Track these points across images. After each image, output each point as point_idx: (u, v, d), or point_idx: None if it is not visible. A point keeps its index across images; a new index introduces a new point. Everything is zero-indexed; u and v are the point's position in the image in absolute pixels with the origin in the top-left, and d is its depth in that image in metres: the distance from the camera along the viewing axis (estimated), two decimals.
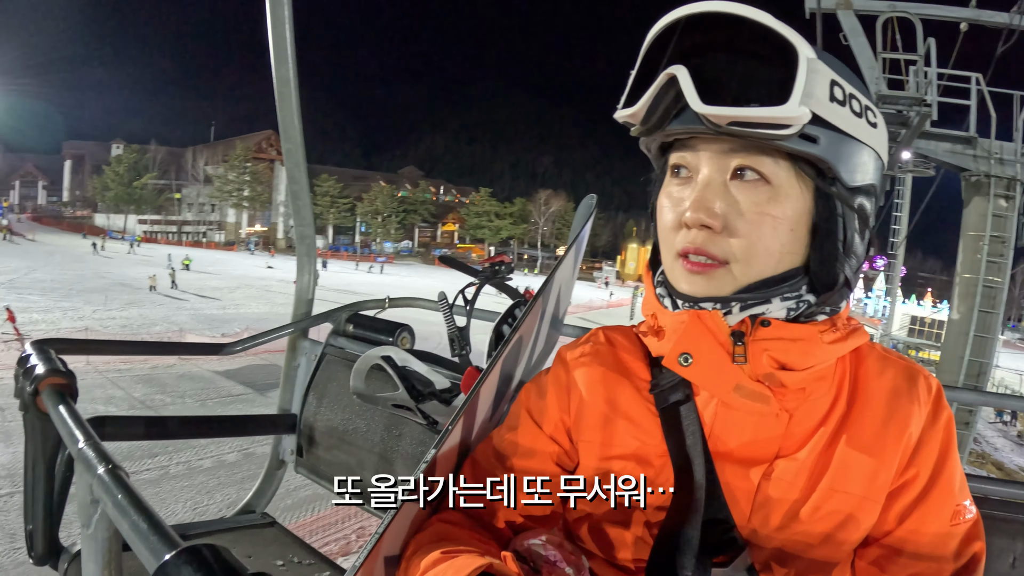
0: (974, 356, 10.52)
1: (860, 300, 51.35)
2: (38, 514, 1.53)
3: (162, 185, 70.44)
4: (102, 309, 26.22)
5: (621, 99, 0.91)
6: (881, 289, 41.50)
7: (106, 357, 16.95)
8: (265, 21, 2.04)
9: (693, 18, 0.81)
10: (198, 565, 0.72)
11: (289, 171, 2.36)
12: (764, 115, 0.78)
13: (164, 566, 0.73)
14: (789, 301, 0.89)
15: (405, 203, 77.89)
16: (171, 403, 14.30)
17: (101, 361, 16.99)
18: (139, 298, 29.71)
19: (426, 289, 2.46)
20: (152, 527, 0.84)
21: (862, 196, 0.89)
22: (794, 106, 0.78)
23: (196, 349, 2.30)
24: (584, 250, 1.71)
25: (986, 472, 14.09)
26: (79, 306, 26.29)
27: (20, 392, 1.41)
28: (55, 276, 33.57)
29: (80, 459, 1.04)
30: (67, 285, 31.01)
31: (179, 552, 0.74)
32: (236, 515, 2.40)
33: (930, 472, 0.91)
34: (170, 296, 31.12)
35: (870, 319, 45.09)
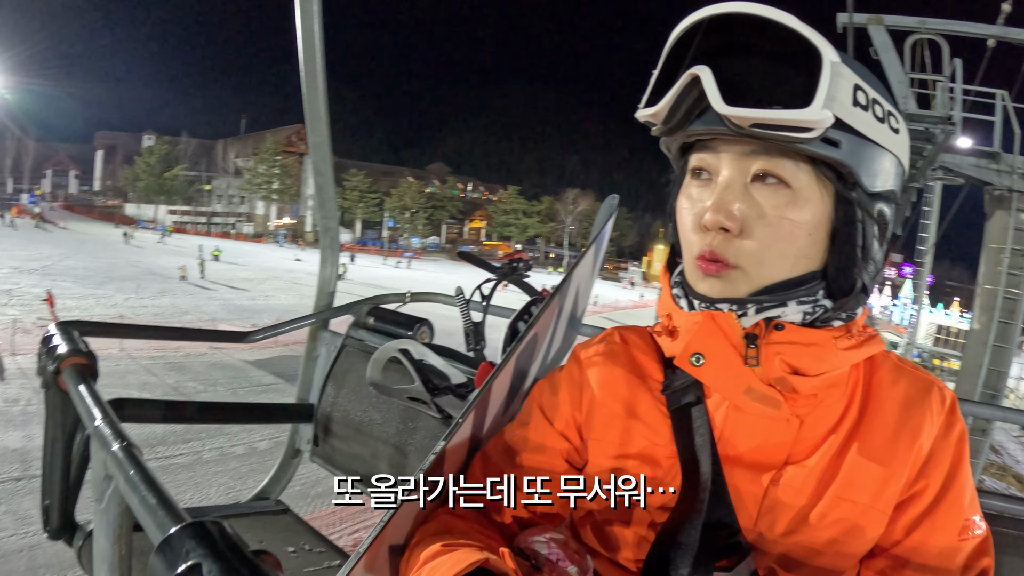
0: (992, 365, 10.65)
1: (887, 308, 50.82)
2: (54, 490, 1.57)
3: (192, 177, 71.57)
4: (134, 297, 26.55)
5: (643, 98, 0.90)
6: (908, 297, 40.92)
7: (139, 344, 17.31)
8: (295, 15, 2.06)
9: (717, 18, 0.81)
10: (201, 539, 0.73)
11: (315, 164, 2.39)
12: (787, 117, 0.78)
13: (169, 539, 0.75)
14: (805, 305, 0.88)
15: (433, 199, 78.34)
16: (203, 390, 14.51)
17: (134, 348, 17.30)
18: (170, 287, 30.06)
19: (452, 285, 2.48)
20: (161, 502, 0.86)
21: (882, 202, 0.88)
22: (817, 109, 0.77)
23: (219, 336, 2.34)
24: (605, 250, 1.71)
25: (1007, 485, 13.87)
26: (111, 294, 26.65)
27: (42, 370, 1.44)
28: (87, 264, 34.08)
29: (96, 436, 1.06)
30: (99, 273, 31.48)
31: (184, 526, 0.76)
32: (250, 501, 2.44)
33: (940, 485, 0.89)
34: (200, 286, 31.47)
35: (896, 327, 44.47)
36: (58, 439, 1.52)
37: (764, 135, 0.80)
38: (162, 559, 0.74)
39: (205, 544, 0.73)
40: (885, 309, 50.41)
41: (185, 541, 0.74)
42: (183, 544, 0.74)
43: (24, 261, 31.92)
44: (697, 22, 0.83)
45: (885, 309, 50.41)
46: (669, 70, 0.87)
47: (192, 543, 0.73)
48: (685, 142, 0.93)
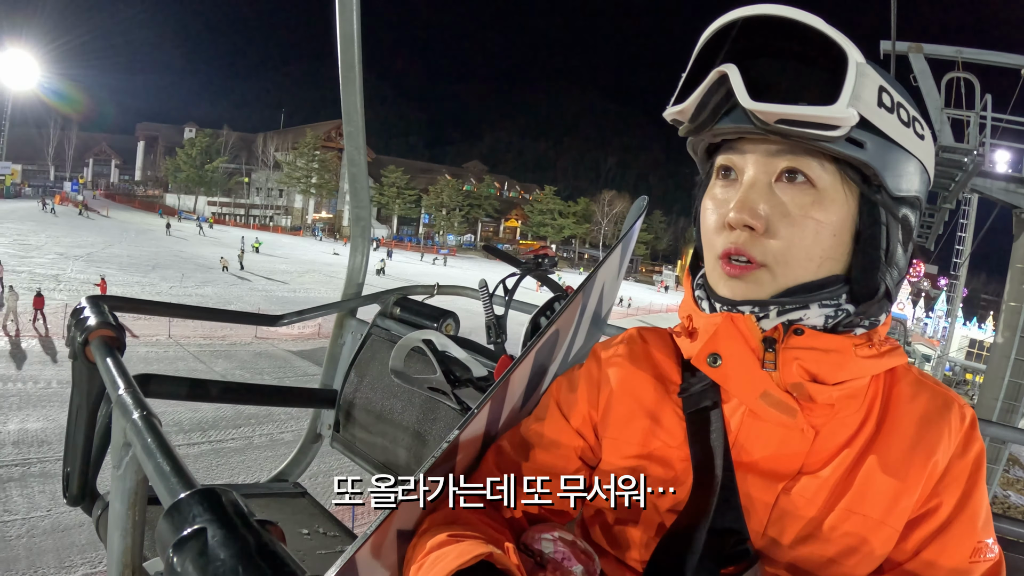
0: (1013, 378, 11.48)
1: (921, 320, 50.01)
2: (76, 458, 1.61)
3: (232, 169, 72.67)
4: (179, 286, 27.50)
5: (672, 99, 0.91)
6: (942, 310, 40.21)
7: (187, 332, 18.28)
8: (334, 6, 2.09)
9: (746, 21, 0.82)
10: (208, 505, 0.75)
11: (349, 153, 2.42)
12: (812, 114, 0.78)
13: (178, 503, 0.76)
14: (828, 308, 0.88)
15: (470, 197, 78.58)
16: (251, 378, 15.06)
17: (182, 335, 18.17)
18: (213, 277, 31.05)
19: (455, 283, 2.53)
20: (174, 470, 0.89)
21: (906, 207, 0.88)
22: (842, 107, 0.78)
23: (247, 318, 2.36)
24: (632, 250, 1.70)
25: None
26: (156, 282, 27.62)
27: (71, 341, 1.47)
28: (131, 252, 35.08)
29: (118, 404, 1.09)
30: (143, 261, 32.48)
31: (193, 492, 0.77)
32: (269, 482, 2.47)
33: (954, 504, 0.88)
34: (242, 277, 32.45)
35: (929, 339, 44.05)
36: (83, 408, 1.56)
37: (789, 131, 0.80)
38: (170, 522, 0.76)
39: (212, 510, 0.75)
40: (919, 321, 49.75)
41: (193, 506, 0.76)
42: (191, 509, 0.76)
43: (69, 248, 33.01)
44: (727, 24, 0.84)
45: (919, 321, 49.75)
46: (697, 71, 0.87)
47: (200, 508, 0.75)
48: (712, 143, 0.94)
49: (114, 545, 1.12)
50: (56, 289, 22.58)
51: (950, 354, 27.30)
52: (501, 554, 0.80)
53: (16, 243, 32.02)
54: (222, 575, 0.68)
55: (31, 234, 35.52)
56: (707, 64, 0.85)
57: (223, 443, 12.18)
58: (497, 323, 1.79)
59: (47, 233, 36.77)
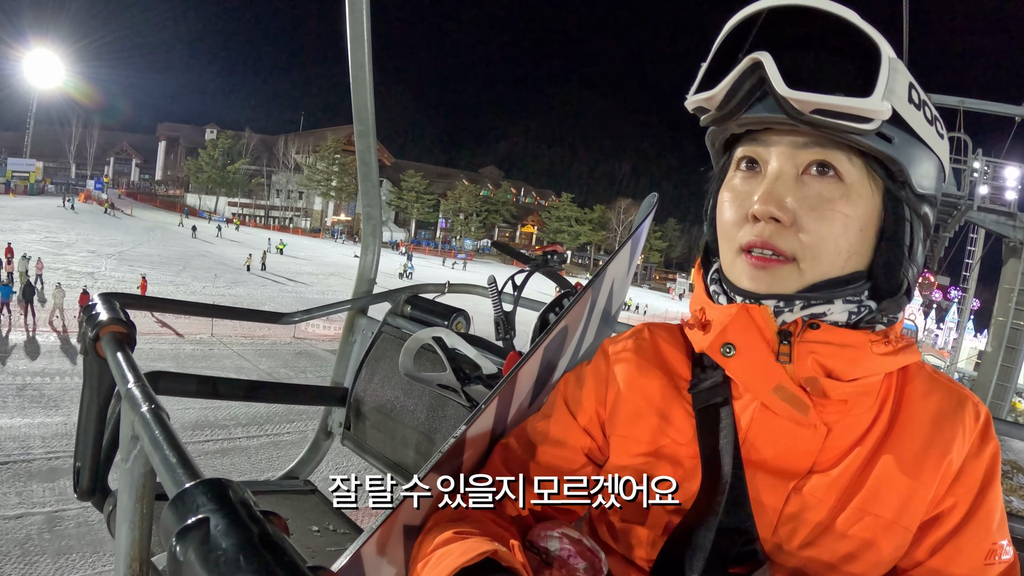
0: (1000, 381, 14.72)
1: (931, 331, 49.90)
2: (87, 452, 1.62)
3: (253, 171, 73.45)
4: (211, 286, 28.00)
5: (693, 86, 0.90)
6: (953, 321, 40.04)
7: (228, 331, 18.93)
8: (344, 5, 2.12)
9: (776, 10, 0.81)
10: (212, 495, 0.75)
11: (359, 153, 2.44)
12: (850, 104, 0.77)
13: (182, 493, 0.77)
14: (851, 304, 0.87)
15: (487, 203, 78.96)
16: (294, 376, 15.54)
17: (224, 334, 18.79)
18: (243, 278, 31.73)
19: None
20: (180, 461, 0.89)
21: (927, 204, 0.88)
22: (877, 100, 0.77)
23: (257, 316, 2.39)
24: (641, 248, 1.69)
25: None
26: (188, 282, 28.22)
27: (83, 336, 1.49)
28: (160, 252, 35.78)
29: (127, 398, 1.10)
30: (173, 261, 33.15)
31: (198, 483, 0.78)
32: (279, 479, 2.49)
33: (968, 504, 0.87)
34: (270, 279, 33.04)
35: (939, 351, 43.94)
36: (93, 403, 1.58)
37: (824, 122, 0.79)
38: (173, 512, 0.76)
39: (216, 500, 0.75)
40: (930, 333, 49.74)
41: (197, 496, 0.76)
42: (195, 499, 0.75)
43: (99, 246, 33.73)
44: (755, 13, 0.83)
45: (930, 333, 49.74)
46: (723, 59, 0.86)
47: (204, 498, 0.75)
48: (734, 134, 0.92)
49: (122, 538, 1.13)
50: (94, 287, 23.01)
51: (958, 364, 27.80)
52: (506, 551, 0.79)
53: (48, 240, 32.69)
54: (224, 564, 0.68)
55: (60, 232, 36.19)
56: (733, 53, 0.85)
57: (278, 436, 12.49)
58: (506, 319, 1.79)
59: (76, 231, 37.49)
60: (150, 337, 17.96)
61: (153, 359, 16.02)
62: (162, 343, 17.89)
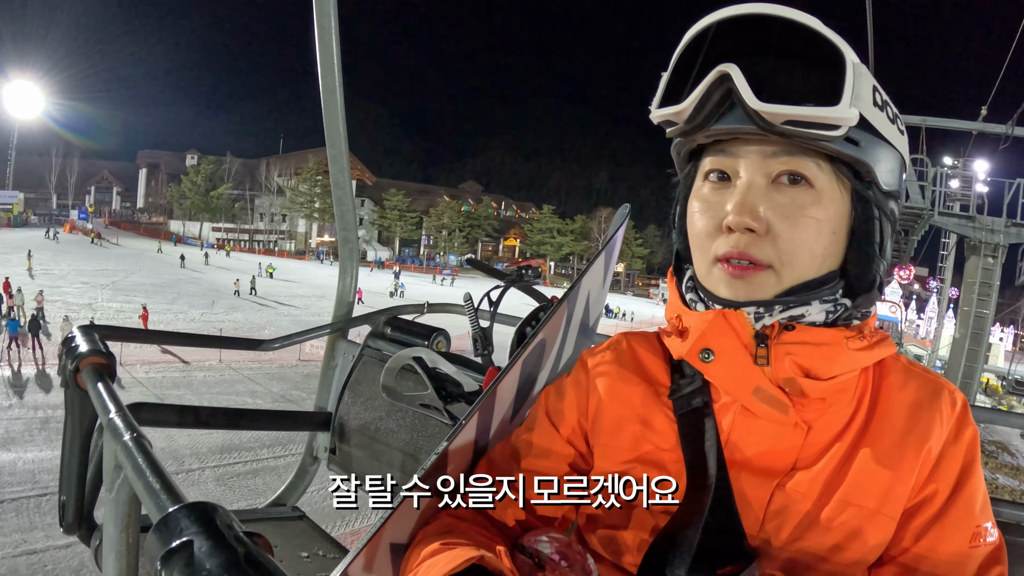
0: (968, 362, 17.04)
1: (913, 322, 50.58)
2: (71, 486, 1.62)
3: (236, 195, 73.02)
4: (209, 312, 28.18)
5: (656, 99, 0.91)
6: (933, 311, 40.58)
7: (235, 357, 19.05)
8: (313, 33, 2.13)
9: (738, 19, 0.82)
10: (195, 518, 0.76)
11: (333, 176, 2.44)
12: (819, 115, 0.79)
13: (166, 518, 0.78)
14: (827, 304, 0.89)
15: (470, 218, 79.11)
16: (306, 398, 15.38)
17: (232, 360, 18.88)
18: (239, 303, 31.78)
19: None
20: (164, 487, 0.90)
21: (892, 200, 0.90)
22: (845, 107, 0.79)
23: (236, 344, 2.40)
24: (616, 258, 1.71)
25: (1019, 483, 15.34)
26: (186, 309, 28.30)
27: (63, 369, 1.49)
28: (153, 280, 35.72)
29: (109, 428, 1.11)
30: (167, 289, 33.11)
31: (181, 507, 0.79)
32: (267, 507, 2.47)
33: (950, 490, 0.88)
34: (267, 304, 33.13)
35: (921, 340, 44.43)
36: (76, 435, 1.57)
37: (793, 132, 0.81)
38: (158, 537, 0.77)
39: (199, 523, 0.76)
40: (911, 324, 50.44)
41: (181, 520, 0.77)
42: (178, 523, 0.77)
43: (92, 276, 33.63)
44: (716, 23, 0.84)
45: (911, 324, 50.44)
46: (684, 70, 0.87)
47: (187, 522, 0.76)
48: (701, 143, 0.92)
49: (109, 570, 1.13)
50: (94, 318, 23.23)
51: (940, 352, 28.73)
52: (492, 557, 0.80)
53: (41, 272, 32.56)
54: None
55: (51, 263, 36.04)
56: (695, 64, 0.85)
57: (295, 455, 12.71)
58: (483, 335, 1.80)
59: (67, 262, 37.37)
60: (160, 366, 18.11)
61: (167, 387, 16.29)
62: (172, 371, 18.00)
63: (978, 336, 17.03)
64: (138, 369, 17.38)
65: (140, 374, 17.12)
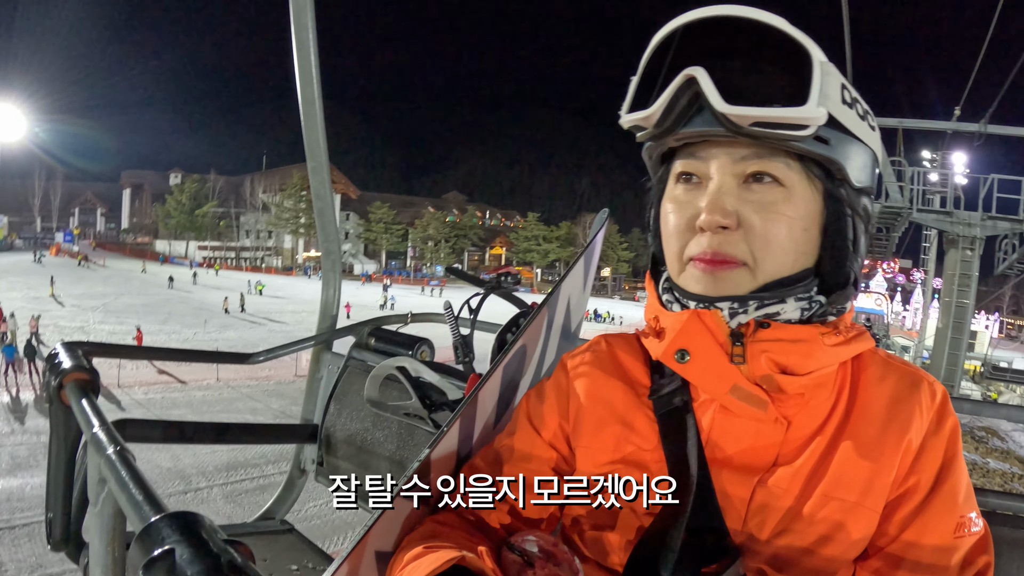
0: (951, 350, 17.42)
1: (899, 314, 51.33)
2: (58, 503, 1.61)
3: (221, 213, 72.72)
4: (202, 332, 28.11)
5: (625, 104, 0.91)
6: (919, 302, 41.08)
7: (232, 375, 19.22)
8: (291, 50, 2.14)
9: (704, 22, 0.82)
10: (177, 527, 0.77)
11: (314, 188, 2.44)
12: (786, 115, 0.79)
13: (148, 527, 0.78)
14: (802, 301, 0.89)
15: (455, 228, 79.11)
16: None
17: (230, 377, 19.08)
18: (231, 322, 31.79)
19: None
20: (146, 498, 0.91)
21: (865, 196, 0.91)
22: (813, 107, 0.79)
23: (222, 357, 2.38)
24: (596, 262, 1.72)
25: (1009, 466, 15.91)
26: (179, 329, 28.27)
27: (47, 385, 1.49)
28: (143, 301, 35.67)
29: (93, 442, 1.11)
30: (157, 309, 33.08)
31: (162, 516, 0.79)
32: (255, 521, 2.46)
33: (932, 481, 0.88)
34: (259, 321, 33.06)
35: (908, 332, 44.63)
36: (61, 452, 1.57)
37: (762, 134, 0.81)
38: (140, 546, 0.77)
39: (180, 531, 0.77)
40: (897, 316, 50.89)
41: (162, 529, 0.77)
42: (160, 532, 0.77)
43: (81, 299, 33.61)
44: (683, 26, 0.84)
45: (897, 316, 50.89)
46: (652, 74, 0.87)
47: (168, 531, 0.77)
48: (672, 146, 0.93)
49: None
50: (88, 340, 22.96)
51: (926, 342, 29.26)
52: (474, 557, 0.81)
53: (30, 297, 32.37)
54: None
55: (41, 287, 35.82)
56: (663, 67, 0.86)
57: None
58: (464, 343, 1.81)
59: (57, 286, 37.07)
60: (158, 387, 18.12)
61: (167, 407, 16.32)
62: (172, 391, 18.02)
63: (960, 325, 17.76)
64: (136, 391, 17.39)
65: (139, 395, 17.14)
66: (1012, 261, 18.03)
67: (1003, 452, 18.23)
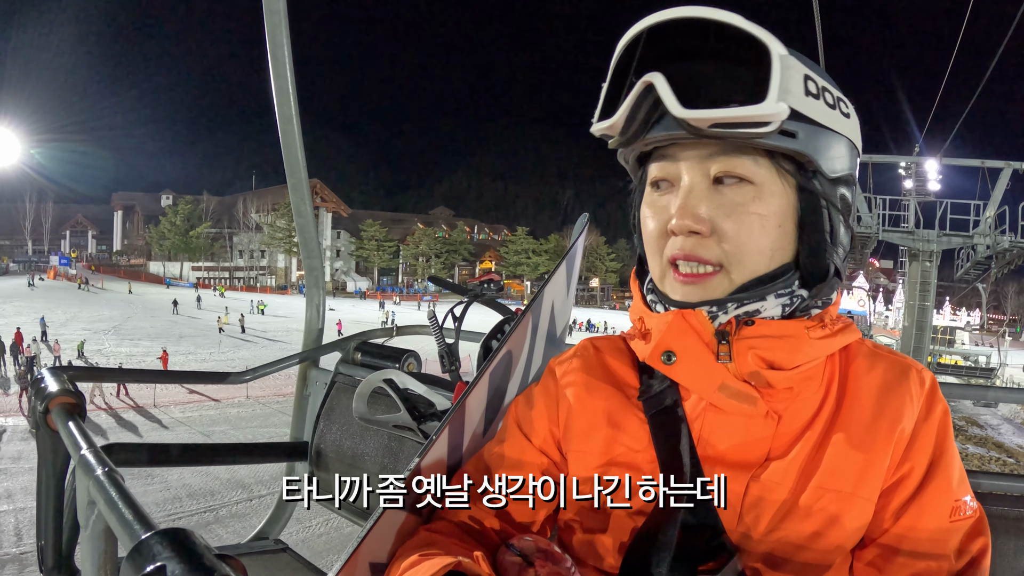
0: (916, 344, 22.35)
1: (882, 314, 52.03)
2: (48, 529, 1.59)
3: (215, 233, 72.60)
4: (216, 352, 28.57)
5: (596, 112, 0.91)
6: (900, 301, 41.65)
7: (259, 392, 19.51)
8: (268, 69, 2.15)
9: (661, 26, 0.82)
10: (168, 544, 0.76)
11: (295, 205, 2.44)
12: (744, 114, 0.78)
13: (139, 545, 0.78)
14: (783, 297, 0.89)
15: (446, 244, 79.45)
16: None
17: (258, 395, 19.42)
18: (243, 342, 32.15)
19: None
20: (136, 517, 0.90)
21: (842, 186, 0.90)
22: (772, 103, 0.78)
23: (204, 378, 2.37)
24: (578, 266, 1.73)
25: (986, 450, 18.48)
26: (194, 350, 28.59)
27: (32, 410, 1.48)
28: (152, 323, 35.97)
29: (81, 464, 1.10)
30: (168, 332, 33.28)
31: (154, 533, 0.79)
32: (249, 541, 2.44)
33: (925, 467, 0.89)
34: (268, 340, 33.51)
35: (891, 331, 45.02)
36: (50, 477, 1.56)
37: (723, 134, 0.81)
38: (131, 564, 0.77)
39: (171, 548, 0.76)
40: (880, 315, 51.51)
41: (153, 546, 0.77)
42: (151, 549, 0.76)
43: (91, 323, 33.75)
44: (641, 31, 0.83)
45: (880, 315, 51.51)
46: (619, 82, 0.87)
47: (159, 547, 0.76)
48: (644, 151, 0.93)
49: None
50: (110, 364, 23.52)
51: None
52: (470, 563, 0.80)
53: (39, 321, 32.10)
54: None
55: (47, 311, 35.45)
56: (627, 74, 0.85)
57: None
58: (449, 352, 1.81)
59: (62, 309, 37.21)
60: (192, 405, 18.50)
61: (207, 424, 16.65)
62: (206, 409, 18.41)
63: (922, 323, 22.81)
64: (174, 410, 17.75)
65: (177, 414, 17.49)
66: (968, 268, 23.15)
67: (980, 439, 21.87)
